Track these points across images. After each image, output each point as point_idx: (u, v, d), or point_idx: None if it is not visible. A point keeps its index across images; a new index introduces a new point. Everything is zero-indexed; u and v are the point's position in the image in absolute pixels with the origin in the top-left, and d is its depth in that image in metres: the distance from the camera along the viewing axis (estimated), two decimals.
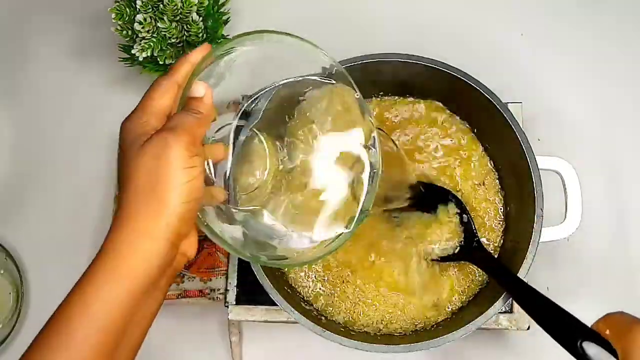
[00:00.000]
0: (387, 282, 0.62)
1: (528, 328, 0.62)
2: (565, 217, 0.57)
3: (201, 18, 0.69)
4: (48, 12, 0.83)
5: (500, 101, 0.60)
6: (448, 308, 0.61)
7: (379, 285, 0.62)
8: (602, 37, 0.78)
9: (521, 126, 0.59)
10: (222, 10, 0.73)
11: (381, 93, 0.67)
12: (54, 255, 0.73)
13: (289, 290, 0.62)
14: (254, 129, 0.47)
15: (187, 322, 0.70)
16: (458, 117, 0.66)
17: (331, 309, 0.62)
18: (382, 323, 0.61)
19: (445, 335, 0.54)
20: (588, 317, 0.43)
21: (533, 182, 0.57)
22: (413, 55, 0.61)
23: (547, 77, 0.77)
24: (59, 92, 0.80)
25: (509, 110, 0.59)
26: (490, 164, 0.65)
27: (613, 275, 0.70)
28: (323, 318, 0.62)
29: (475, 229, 0.61)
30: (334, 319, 0.62)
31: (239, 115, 0.46)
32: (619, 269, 0.71)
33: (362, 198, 0.46)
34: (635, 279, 0.70)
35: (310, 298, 0.63)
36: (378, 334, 0.61)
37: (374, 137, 0.46)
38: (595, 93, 0.76)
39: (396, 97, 0.67)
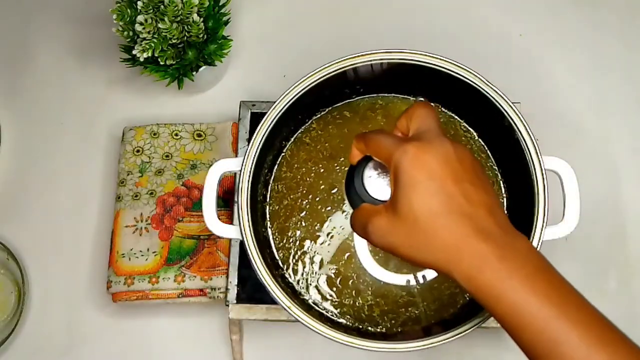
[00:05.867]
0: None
1: None
2: (564, 216, 0.57)
3: (202, 19, 0.70)
4: (49, 12, 0.83)
5: (504, 100, 0.59)
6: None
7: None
8: (602, 37, 0.79)
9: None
10: (222, 11, 0.73)
11: (380, 92, 0.67)
12: (56, 254, 0.74)
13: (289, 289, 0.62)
14: None
15: (188, 321, 0.71)
16: (458, 117, 0.66)
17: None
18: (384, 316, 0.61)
19: (445, 335, 0.54)
20: None
21: (533, 182, 0.57)
22: (413, 52, 0.61)
23: (546, 77, 0.77)
24: (59, 92, 0.80)
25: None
26: (491, 164, 0.65)
27: (611, 274, 0.71)
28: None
29: None
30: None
31: None
32: (617, 269, 0.71)
33: None
34: (634, 279, 0.70)
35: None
36: (377, 331, 0.61)
37: None
38: (594, 93, 0.77)
39: (396, 95, 0.67)
